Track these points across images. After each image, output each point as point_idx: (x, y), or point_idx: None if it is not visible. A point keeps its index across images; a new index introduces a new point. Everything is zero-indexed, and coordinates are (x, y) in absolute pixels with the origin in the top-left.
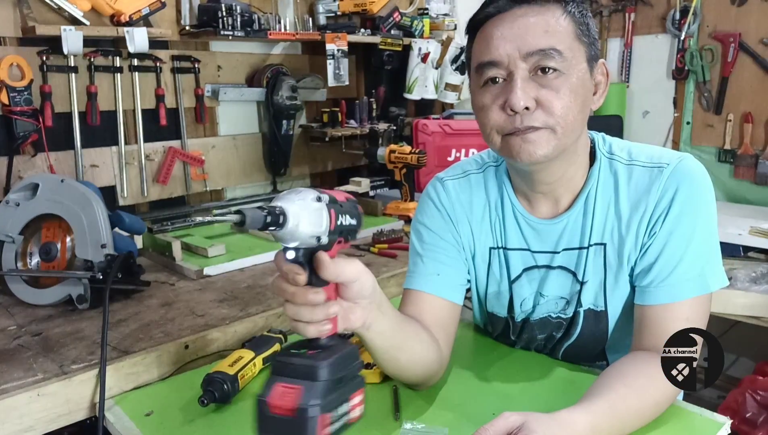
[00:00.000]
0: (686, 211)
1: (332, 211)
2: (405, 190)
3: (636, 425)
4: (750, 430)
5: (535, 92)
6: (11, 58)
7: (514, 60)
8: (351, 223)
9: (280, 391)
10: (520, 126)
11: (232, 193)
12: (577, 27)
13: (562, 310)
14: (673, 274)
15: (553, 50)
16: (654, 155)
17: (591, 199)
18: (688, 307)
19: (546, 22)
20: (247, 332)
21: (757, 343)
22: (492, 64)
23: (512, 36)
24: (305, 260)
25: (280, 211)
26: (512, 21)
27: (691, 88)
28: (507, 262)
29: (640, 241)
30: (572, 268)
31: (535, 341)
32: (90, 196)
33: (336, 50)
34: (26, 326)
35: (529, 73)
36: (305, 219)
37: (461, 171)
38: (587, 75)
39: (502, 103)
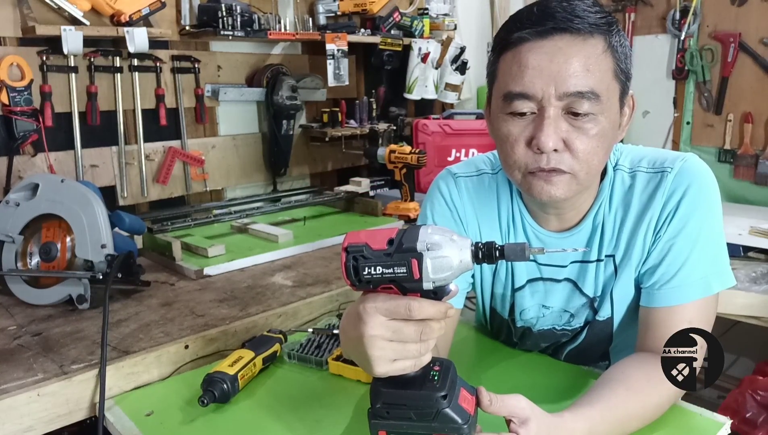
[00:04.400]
0: (691, 213)
1: None
2: (405, 190)
3: (636, 427)
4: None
5: (565, 133)
6: (11, 58)
7: (549, 97)
8: None
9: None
10: (545, 166)
11: (232, 193)
12: (616, 63)
13: (566, 322)
14: (677, 276)
15: (591, 93)
16: (657, 160)
17: (600, 213)
18: (692, 309)
19: (587, 59)
20: (247, 332)
21: (757, 343)
22: (524, 97)
23: (550, 70)
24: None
25: None
26: (552, 52)
27: (691, 88)
28: (512, 270)
29: (647, 247)
30: (578, 282)
31: (539, 347)
32: (90, 196)
33: (336, 50)
34: (26, 326)
35: (561, 111)
36: None
37: (475, 169)
38: (617, 114)
39: (528, 138)
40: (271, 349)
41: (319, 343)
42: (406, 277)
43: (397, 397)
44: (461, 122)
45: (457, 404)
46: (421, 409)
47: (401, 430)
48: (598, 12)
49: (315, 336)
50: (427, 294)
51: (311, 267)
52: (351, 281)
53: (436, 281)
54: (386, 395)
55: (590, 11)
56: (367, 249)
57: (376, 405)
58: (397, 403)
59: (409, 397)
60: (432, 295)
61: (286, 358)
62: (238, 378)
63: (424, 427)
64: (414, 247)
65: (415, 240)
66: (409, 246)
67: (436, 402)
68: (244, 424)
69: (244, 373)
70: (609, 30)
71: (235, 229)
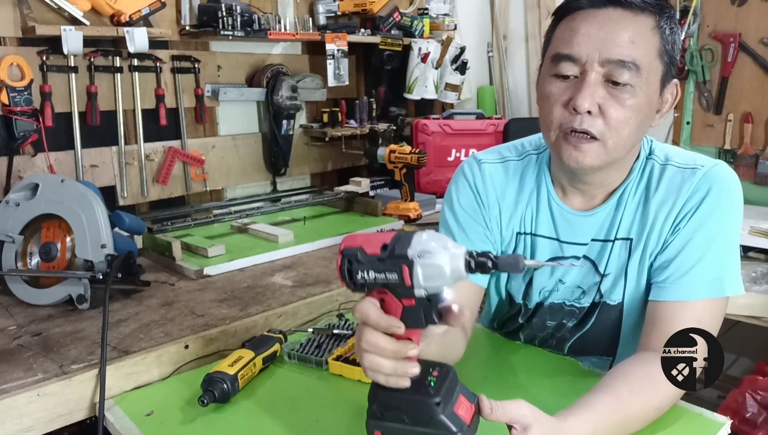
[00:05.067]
0: (712, 214)
1: None
2: (405, 190)
3: (638, 428)
4: (750, 430)
5: (601, 99)
6: (11, 58)
7: (592, 62)
8: None
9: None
10: (578, 127)
11: (232, 193)
12: (663, 44)
13: (576, 298)
14: (690, 272)
15: (632, 63)
16: (690, 158)
17: (625, 196)
18: (701, 308)
19: (635, 31)
20: (247, 332)
21: (757, 343)
22: (569, 59)
23: (597, 37)
24: (420, 308)
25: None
26: (603, 22)
27: (691, 88)
28: (533, 249)
29: (663, 237)
30: (594, 259)
31: (544, 329)
32: (90, 196)
33: (336, 50)
34: (26, 326)
35: (602, 78)
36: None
37: (500, 156)
38: (656, 94)
39: (567, 99)
40: (271, 349)
41: (319, 343)
42: (397, 284)
43: (392, 400)
44: (461, 122)
45: (452, 412)
46: (415, 414)
47: (396, 432)
48: None
49: (315, 336)
50: (421, 301)
51: (311, 267)
52: (347, 284)
53: (429, 289)
54: (382, 397)
55: None
56: (362, 253)
57: (372, 406)
58: (392, 406)
59: (403, 401)
60: (426, 303)
61: (286, 358)
62: (238, 378)
63: (418, 431)
64: (405, 253)
65: (407, 246)
66: (401, 252)
67: (430, 408)
68: (244, 424)
69: (244, 373)
70: (660, 11)
71: (235, 229)
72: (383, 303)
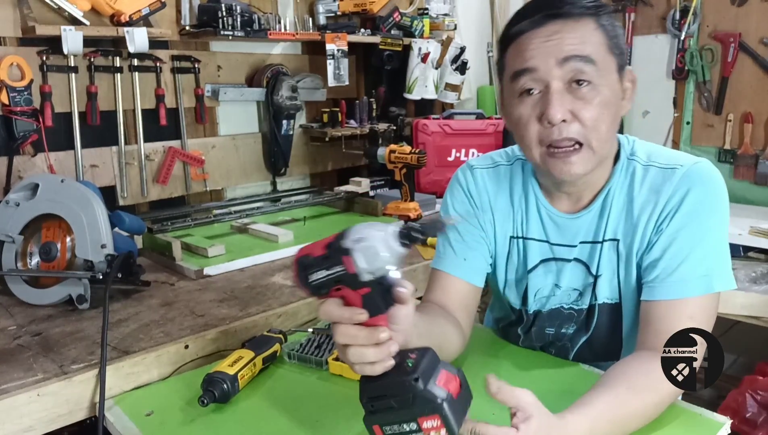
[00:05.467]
0: (696, 212)
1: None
2: (405, 190)
3: (637, 426)
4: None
5: (570, 105)
6: (11, 58)
7: (550, 68)
8: None
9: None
10: (558, 137)
11: (232, 193)
12: (609, 39)
13: (574, 301)
14: (678, 270)
15: (588, 57)
16: (672, 157)
17: (610, 197)
18: (692, 305)
19: (581, 34)
20: (247, 332)
21: (757, 343)
22: (528, 71)
23: (547, 47)
24: (376, 294)
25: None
26: (547, 35)
27: (691, 88)
28: (525, 252)
29: (648, 237)
30: (586, 261)
31: (544, 336)
32: (90, 196)
33: (336, 50)
34: (26, 326)
35: (564, 85)
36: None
37: (491, 162)
38: (618, 85)
39: (539, 114)
40: (271, 349)
41: (319, 343)
42: (345, 275)
43: (376, 388)
44: (461, 122)
45: (434, 385)
46: (399, 396)
47: (390, 421)
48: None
49: (315, 336)
50: (373, 286)
51: None
52: (306, 290)
53: (373, 272)
54: (368, 389)
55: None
56: (311, 257)
57: (363, 402)
58: (378, 395)
59: (385, 387)
60: (378, 287)
61: (286, 358)
62: (238, 378)
63: (407, 414)
64: (343, 245)
65: (344, 238)
66: (339, 245)
67: (410, 386)
68: (244, 424)
69: (244, 373)
70: (597, 12)
71: (235, 229)
72: (345, 299)
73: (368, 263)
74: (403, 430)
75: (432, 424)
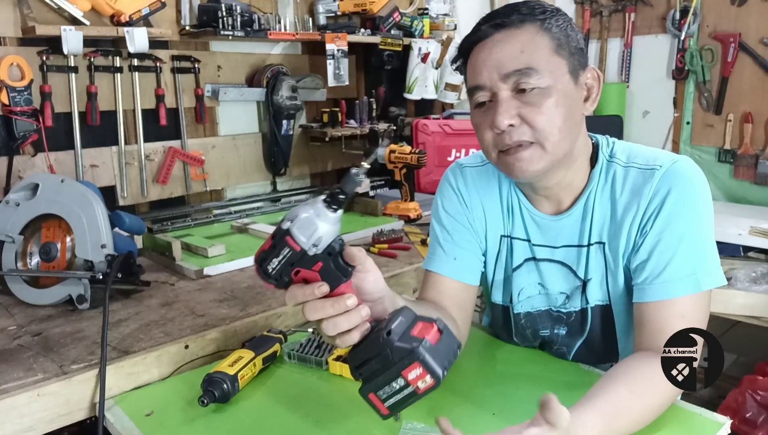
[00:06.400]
0: (677, 212)
1: None
2: (405, 190)
3: (638, 428)
4: (750, 430)
5: (517, 110)
6: (11, 58)
7: (495, 82)
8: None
9: None
10: (509, 142)
11: (232, 193)
12: (555, 41)
13: (562, 304)
14: (665, 271)
15: (528, 69)
16: (650, 157)
17: (591, 200)
18: (683, 304)
19: (521, 43)
20: (247, 332)
21: (757, 343)
22: (478, 88)
23: (492, 61)
24: (330, 265)
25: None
26: (491, 46)
27: (691, 88)
28: (512, 251)
29: (632, 240)
30: (572, 265)
31: (538, 338)
32: (90, 196)
33: (336, 50)
34: (26, 326)
35: (511, 93)
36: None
37: (481, 160)
38: (570, 86)
39: (490, 123)
40: (271, 349)
41: (319, 343)
42: (293, 254)
43: (358, 355)
44: (461, 122)
45: (408, 335)
46: (378, 355)
47: (380, 384)
48: (531, 6)
49: (315, 336)
50: (324, 259)
51: None
52: (269, 283)
53: (316, 243)
54: (352, 359)
55: (523, 8)
56: (263, 251)
57: (353, 374)
58: (363, 362)
59: (365, 351)
60: (328, 257)
61: (286, 358)
62: (238, 378)
63: (392, 371)
64: (282, 227)
65: (282, 221)
66: (280, 228)
67: (384, 341)
68: (244, 424)
69: (244, 373)
70: (542, 17)
71: (235, 229)
72: (306, 281)
73: (307, 236)
74: (394, 389)
75: (416, 373)
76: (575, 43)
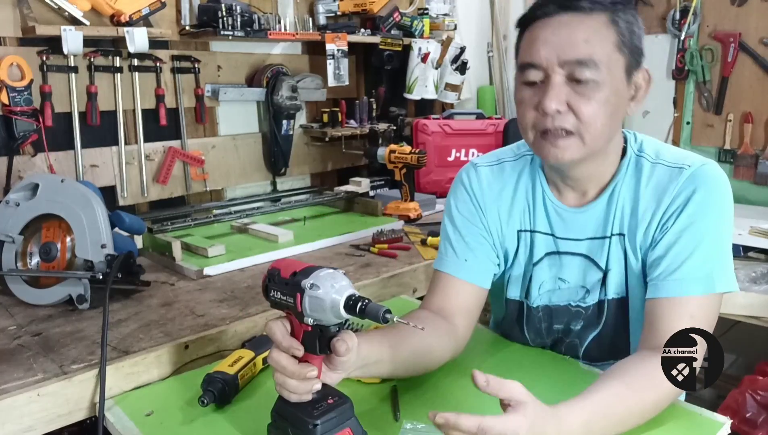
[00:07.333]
0: (700, 213)
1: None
2: (405, 190)
3: (635, 424)
4: (750, 430)
5: (567, 97)
6: (11, 58)
7: (552, 65)
8: None
9: None
10: (551, 126)
11: (232, 193)
12: (619, 37)
13: (581, 298)
14: (680, 269)
15: (589, 60)
16: (680, 156)
17: (616, 192)
18: (694, 304)
19: (588, 30)
20: (247, 332)
21: (757, 343)
22: (532, 66)
23: (554, 42)
24: (316, 336)
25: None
26: (556, 27)
27: (691, 88)
28: (532, 245)
29: (651, 235)
30: (594, 257)
31: (552, 333)
32: (90, 196)
33: (336, 50)
34: (26, 326)
35: (564, 79)
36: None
37: (496, 159)
38: (623, 84)
39: (536, 102)
40: None
41: None
42: (294, 308)
43: (285, 411)
44: (461, 122)
45: None
46: (296, 430)
47: None
48: None
49: None
50: (315, 329)
51: None
52: (265, 298)
53: (315, 319)
54: (279, 406)
55: None
56: (278, 275)
57: (272, 412)
58: (283, 417)
59: (291, 416)
60: (318, 332)
61: None
62: (238, 378)
63: None
64: (301, 282)
65: (306, 277)
66: (299, 280)
67: (307, 429)
68: (244, 424)
69: (244, 373)
70: (613, 7)
71: (235, 229)
72: (292, 324)
73: (312, 310)
74: None
75: None
76: (637, 41)
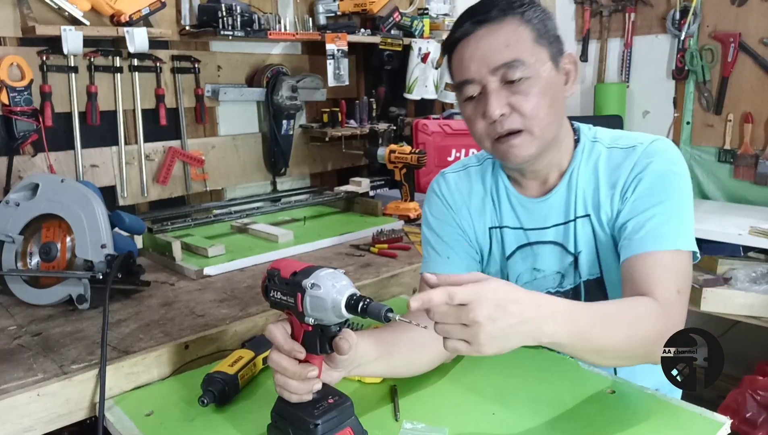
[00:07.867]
0: (658, 179)
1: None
2: (405, 190)
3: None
4: (750, 430)
5: (507, 99)
6: (11, 58)
7: (485, 75)
8: None
9: None
10: (501, 130)
11: (232, 193)
12: (535, 32)
13: (559, 284)
14: (645, 226)
15: (515, 61)
16: (632, 138)
17: (574, 176)
18: (665, 256)
19: (505, 37)
20: (247, 332)
21: (757, 343)
22: (468, 82)
23: (479, 55)
24: (315, 336)
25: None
26: (478, 41)
27: (691, 88)
28: (503, 240)
29: (615, 207)
30: (563, 242)
31: None
32: (90, 196)
33: (336, 50)
34: (26, 326)
35: (500, 84)
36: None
37: (462, 166)
38: (553, 72)
39: (482, 113)
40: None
41: None
42: (295, 308)
43: (285, 411)
44: (461, 122)
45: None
46: (297, 430)
47: None
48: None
49: None
50: (315, 329)
51: None
52: (265, 298)
53: (315, 319)
54: (279, 407)
55: (501, 2)
56: (278, 275)
57: (272, 412)
58: (284, 417)
59: (292, 416)
60: (319, 332)
61: None
62: (238, 378)
63: None
64: (301, 282)
65: (306, 276)
66: (299, 280)
67: (308, 429)
68: (244, 424)
69: (244, 373)
70: (520, 10)
71: (235, 229)
72: (293, 325)
73: (313, 310)
74: None
75: None
76: (553, 31)
